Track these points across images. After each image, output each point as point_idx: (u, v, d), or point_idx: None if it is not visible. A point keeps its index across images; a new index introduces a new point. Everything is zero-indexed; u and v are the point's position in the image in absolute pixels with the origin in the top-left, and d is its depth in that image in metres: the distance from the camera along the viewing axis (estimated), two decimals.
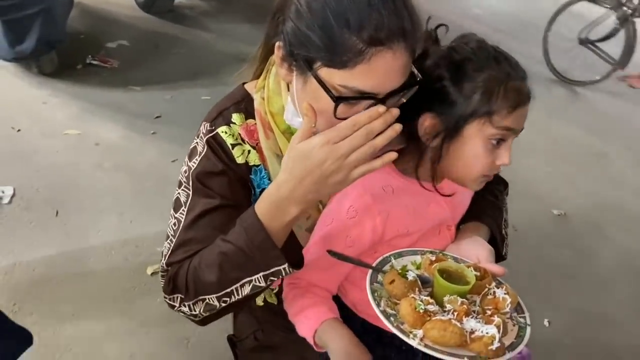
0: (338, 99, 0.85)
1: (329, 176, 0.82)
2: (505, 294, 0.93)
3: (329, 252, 0.97)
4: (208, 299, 0.97)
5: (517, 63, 0.98)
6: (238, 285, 0.93)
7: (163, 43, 4.56)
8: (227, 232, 0.97)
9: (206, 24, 5.17)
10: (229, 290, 0.94)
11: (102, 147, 3.05)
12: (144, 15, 5.01)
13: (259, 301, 1.20)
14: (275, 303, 1.17)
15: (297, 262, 0.93)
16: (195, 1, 5.61)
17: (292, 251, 0.93)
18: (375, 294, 0.90)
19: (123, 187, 2.76)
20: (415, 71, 0.90)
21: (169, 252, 1.02)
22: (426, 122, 0.98)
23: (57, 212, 2.51)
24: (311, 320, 0.99)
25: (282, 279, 1.06)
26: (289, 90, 0.99)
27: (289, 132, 1.01)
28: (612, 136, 4.59)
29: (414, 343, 0.82)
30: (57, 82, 3.60)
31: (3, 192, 2.55)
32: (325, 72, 0.85)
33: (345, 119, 0.85)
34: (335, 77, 0.85)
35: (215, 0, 5.74)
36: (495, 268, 0.99)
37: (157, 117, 3.47)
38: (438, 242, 1.10)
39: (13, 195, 2.55)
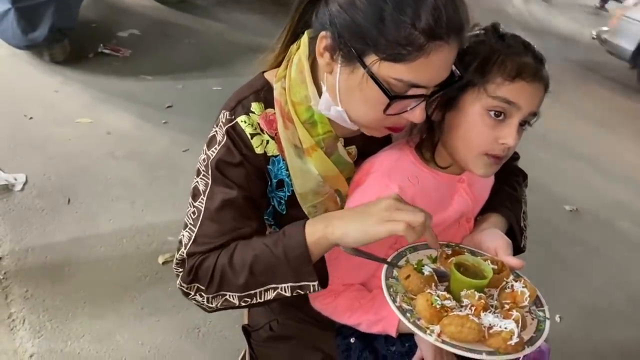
0: (393, 97, 0.85)
1: (368, 212, 0.88)
2: (523, 287, 0.91)
3: (344, 248, 0.94)
4: (229, 296, 0.96)
5: (531, 45, 0.96)
6: (263, 289, 0.94)
7: (174, 33, 4.56)
8: (246, 221, 0.97)
9: (217, 14, 5.16)
10: (252, 292, 0.95)
11: (113, 135, 3.06)
12: (156, 5, 5.00)
13: None
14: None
15: (323, 282, 0.94)
16: None
17: (320, 271, 0.93)
18: (391, 290, 0.88)
19: (134, 176, 2.76)
20: (454, 68, 0.89)
21: (190, 241, 1.00)
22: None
23: (68, 200, 2.51)
24: (391, 316, 0.98)
25: None
26: (314, 80, 0.97)
27: (309, 123, 0.99)
28: (625, 131, 4.56)
29: (430, 339, 0.81)
30: (69, 71, 3.61)
31: (15, 179, 2.55)
32: (380, 66, 0.84)
33: (393, 115, 0.87)
34: (391, 70, 0.84)
35: None
36: (513, 261, 0.96)
37: (168, 106, 3.47)
38: (456, 233, 1.08)
39: (25, 183, 2.56)
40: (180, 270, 1.01)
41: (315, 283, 0.91)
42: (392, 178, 0.97)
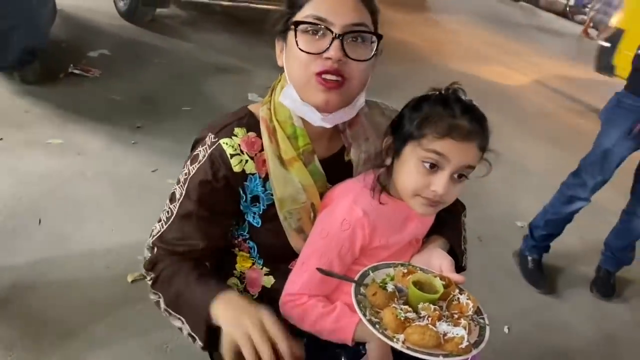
0: (296, 23, 1.06)
1: (240, 324, 1.02)
2: (467, 299, 1.08)
3: (319, 269, 1.10)
4: (161, 300, 1.18)
5: (471, 109, 1.09)
6: (177, 316, 1.14)
7: (144, 52, 4.65)
8: (201, 235, 1.16)
9: (187, 34, 5.27)
10: (171, 312, 1.16)
11: (84, 156, 3.13)
12: (126, 25, 5.09)
13: None
14: None
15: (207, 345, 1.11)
16: (176, 11, 5.71)
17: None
18: (361, 305, 1.03)
19: (105, 196, 2.84)
20: (370, 28, 1.10)
21: (158, 235, 1.20)
22: (387, 142, 1.15)
23: (40, 221, 2.58)
24: (348, 326, 1.11)
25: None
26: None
27: (293, 137, 1.17)
28: (577, 149, 4.79)
29: (397, 346, 0.96)
30: (39, 91, 3.68)
31: None
32: (294, 17, 1.08)
33: (308, 53, 1.06)
34: (300, 16, 1.08)
35: (196, 10, 5.84)
36: (457, 277, 1.12)
37: (138, 127, 3.56)
38: (408, 251, 1.23)
39: None
40: (148, 254, 1.22)
41: (201, 344, 1.10)
42: (357, 203, 1.13)
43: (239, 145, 1.16)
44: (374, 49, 1.11)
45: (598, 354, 2.63)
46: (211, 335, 1.09)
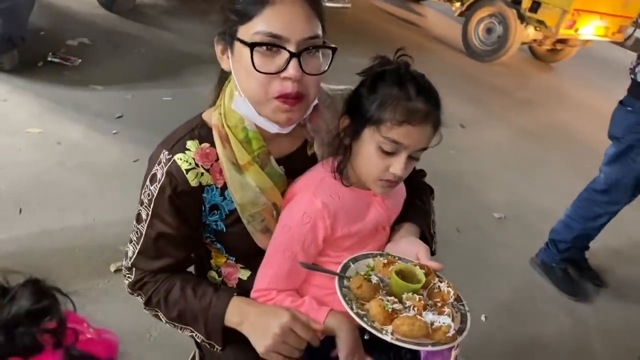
0: (252, 44, 1.02)
1: (266, 329, 1.12)
2: (448, 287, 1.11)
3: (301, 263, 1.13)
4: (160, 315, 1.24)
5: (426, 90, 1.10)
6: (184, 327, 1.23)
7: (124, 42, 4.61)
8: (175, 251, 1.21)
9: (168, 24, 5.23)
10: (176, 325, 1.23)
11: (64, 145, 3.11)
12: (106, 13, 5.03)
13: None
14: None
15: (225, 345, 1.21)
16: (157, 0, 5.65)
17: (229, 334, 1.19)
18: (347, 298, 1.05)
19: (86, 186, 2.84)
20: (321, 36, 1.08)
21: (134, 256, 1.22)
22: (344, 122, 1.16)
23: (20, 210, 2.57)
24: (315, 320, 1.14)
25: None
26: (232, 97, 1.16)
27: (245, 142, 1.15)
28: (553, 144, 4.90)
29: (387, 338, 0.98)
30: (18, 80, 3.63)
31: None
32: (243, 31, 1.04)
33: (265, 73, 1.03)
34: (250, 29, 1.03)
35: (177, 0, 5.79)
36: (435, 264, 1.14)
37: (118, 116, 3.54)
38: (374, 239, 1.25)
39: None
40: (129, 275, 1.25)
41: (219, 348, 1.20)
42: (316, 195, 1.14)
43: (193, 159, 1.15)
44: (329, 61, 1.11)
45: (570, 339, 2.71)
46: (225, 334, 1.18)
